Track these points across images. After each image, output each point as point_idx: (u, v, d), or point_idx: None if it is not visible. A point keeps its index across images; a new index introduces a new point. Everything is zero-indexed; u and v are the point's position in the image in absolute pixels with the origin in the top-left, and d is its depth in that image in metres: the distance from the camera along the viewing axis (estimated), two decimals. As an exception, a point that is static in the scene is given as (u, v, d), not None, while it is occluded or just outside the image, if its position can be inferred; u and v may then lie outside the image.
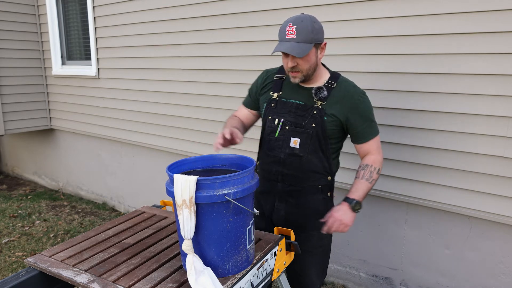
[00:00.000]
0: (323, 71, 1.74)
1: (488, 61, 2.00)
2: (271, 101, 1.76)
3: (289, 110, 1.71)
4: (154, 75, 3.58)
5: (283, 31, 1.57)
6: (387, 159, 2.41)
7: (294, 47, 1.54)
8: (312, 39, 1.56)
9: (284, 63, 1.65)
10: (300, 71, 1.62)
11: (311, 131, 1.67)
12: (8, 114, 4.49)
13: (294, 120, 1.69)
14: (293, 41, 1.54)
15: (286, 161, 1.71)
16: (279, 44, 1.58)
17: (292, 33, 1.54)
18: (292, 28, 1.54)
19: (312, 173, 1.72)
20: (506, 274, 2.18)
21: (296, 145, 1.69)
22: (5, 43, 4.40)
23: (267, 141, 1.76)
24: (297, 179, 1.73)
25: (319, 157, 1.70)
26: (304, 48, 1.55)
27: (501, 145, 2.03)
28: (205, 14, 3.07)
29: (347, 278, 2.78)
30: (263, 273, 1.40)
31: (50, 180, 5.20)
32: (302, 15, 1.60)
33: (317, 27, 1.58)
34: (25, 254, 3.28)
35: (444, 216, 2.32)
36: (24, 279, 1.32)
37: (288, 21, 1.57)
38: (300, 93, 1.71)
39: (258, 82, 1.86)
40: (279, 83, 1.77)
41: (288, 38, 1.55)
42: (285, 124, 1.70)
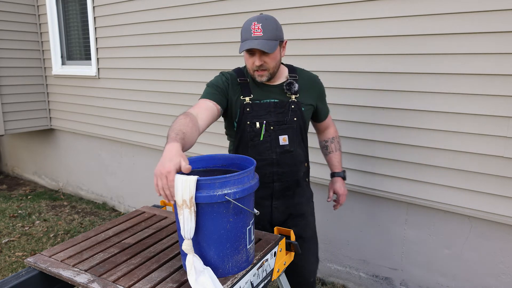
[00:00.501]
0: (282, 67, 1.77)
1: (488, 61, 2.00)
2: (245, 106, 1.68)
3: (268, 110, 1.69)
4: (154, 75, 3.58)
5: (248, 30, 1.56)
6: (387, 159, 2.41)
7: (263, 43, 1.54)
8: (277, 36, 1.59)
9: (249, 63, 1.64)
10: (267, 69, 1.63)
11: (295, 125, 1.72)
12: (8, 114, 4.49)
13: (276, 119, 1.70)
14: (261, 38, 1.54)
15: (280, 160, 1.72)
16: (247, 42, 1.55)
17: (258, 31, 1.54)
18: (258, 26, 1.54)
19: (300, 164, 1.80)
20: (506, 274, 2.18)
21: (286, 142, 1.72)
22: (5, 43, 4.40)
23: (252, 146, 1.70)
24: (292, 174, 1.77)
25: (302, 148, 1.80)
26: (272, 45, 1.57)
27: (501, 145, 2.03)
28: (205, 14, 3.07)
29: (347, 278, 2.78)
30: (263, 273, 1.40)
31: (50, 180, 5.20)
32: (263, 14, 1.61)
33: (279, 25, 1.62)
34: (25, 254, 3.28)
35: (444, 216, 2.32)
36: (24, 279, 1.32)
37: (252, 20, 1.57)
38: (271, 92, 1.72)
39: (223, 81, 1.70)
40: (246, 86, 1.71)
41: (255, 36, 1.54)
42: (268, 125, 1.69)
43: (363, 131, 2.46)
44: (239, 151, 1.74)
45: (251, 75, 1.69)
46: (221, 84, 1.69)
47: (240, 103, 1.68)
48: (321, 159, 2.65)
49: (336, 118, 2.54)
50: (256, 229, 1.71)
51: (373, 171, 2.48)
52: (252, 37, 1.55)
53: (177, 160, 1.16)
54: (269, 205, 1.78)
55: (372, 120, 2.42)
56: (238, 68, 1.78)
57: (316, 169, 2.71)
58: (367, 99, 2.41)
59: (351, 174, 2.56)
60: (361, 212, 2.62)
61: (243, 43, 1.58)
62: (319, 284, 2.83)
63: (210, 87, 1.68)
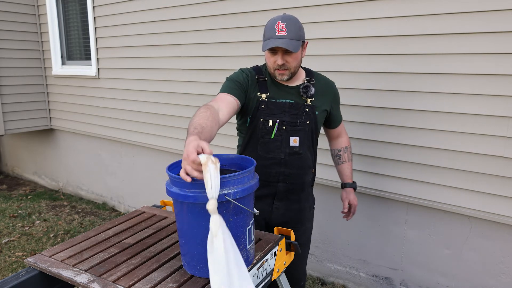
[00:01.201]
0: (300, 69, 1.78)
1: (488, 61, 2.00)
2: (260, 103, 1.69)
3: (283, 110, 1.69)
4: (154, 75, 3.58)
5: (272, 28, 1.56)
6: (387, 159, 2.41)
7: (288, 42, 1.55)
8: (300, 36, 1.61)
9: (270, 61, 1.64)
10: (289, 68, 1.64)
11: (307, 128, 1.72)
12: (8, 114, 4.49)
13: (290, 119, 1.70)
14: (285, 37, 1.55)
15: (287, 160, 1.73)
16: (271, 40, 1.56)
17: (282, 30, 1.55)
18: (282, 26, 1.55)
19: (308, 168, 1.80)
20: (506, 274, 2.18)
21: (296, 144, 1.72)
22: (5, 43, 4.40)
23: (262, 143, 1.71)
24: (298, 176, 1.77)
25: (311, 152, 1.80)
26: (296, 44, 1.58)
27: (501, 145, 2.03)
28: (205, 14, 3.07)
29: (347, 278, 2.78)
30: (263, 273, 1.40)
31: (50, 180, 5.20)
32: (287, 14, 1.62)
33: (302, 26, 1.63)
34: (25, 254, 3.28)
35: (444, 216, 2.32)
36: (24, 279, 1.32)
37: (276, 19, 1.57)
38: (287, 92, 1.72)
39: (243, 78, 1.71)
40: (263, 83, 1.72)
41: (279, 35, 1.55)
42: (281, 124, 1.69)
43: (362, 131, 2.46)
44: (248, 147, 1.75)
45: (271, 73, 1.69)
46: (241, 80, 1.69)
47: (256, 100, 1.70)
48: (324, 160, 2.66)
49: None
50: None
51: (373, 171, 2.48)
52: (276, 36, 1.55)
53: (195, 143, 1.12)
54: (270, 204, 1.78)
55: (371, 120, 2.42)
56: (256, 66, 1.79)
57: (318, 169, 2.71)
58: (367, 99, 2.41)
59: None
60: (361, 212, 2.62)
61: (267, 41, 1.58)
62: (319, 284, 2.83)
63: (230, 81, 1.68)
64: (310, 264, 2.94)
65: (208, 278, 1.26)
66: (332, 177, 2.64)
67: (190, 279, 1.26)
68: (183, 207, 1.24)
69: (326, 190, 2.75)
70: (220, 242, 1.10)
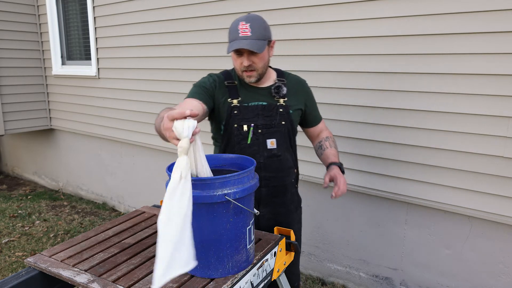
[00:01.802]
0: (270, 70, 1.75)
1: (488, 61, 2.00)
2: (232, 108, 1.64)
3: (256, 113, 1.66)
4: (154, 75, 3.58)
5: (235, 29, 1.53)
6: (387, 159, 2.41)
7: (252, 43, 1.51)
8: (265, 36, 1.57)
9: (237, 63, 1.62)
10: (256, 69, 1.60)
11: (283, 129, 1.69)
12: (8, 114, 4.49)
13: (264, 122, 1.66)
14: (249, 38, 1.51)
15: (267, 164, 1.69)
16: (235, 42, 1.53)
17: (246, 31, 1.51)
18: (245, 26, 1.52)
19: (288, 169, 1.77)
20: (506, 274, 2.18)
21: (273, 146, 1.68)
22: (5, 43, 4.40)
23: (239, 149, 1.66)
24: (279, 179, 1.74)
25: (290, 152, 1.77)
26: (261, 44, 1.54)
27: (501, 145, 2.03)
28: (205, 14, 3.07)
29: (347, 278, 2.78)
30: (263, 273, 1.40)
31: (50, 180, 5.20)
32: (251, 13, 1.59)
33: (267, 25, 1.59)
34: (25, 254, 3.28)
35: (444, 216, 2.32)
36: (24, 279, 1.32)
37: (239, 20, 1.54)
38: (259, 94, 1.69)
39: (210, 82, 1.68)
40: (233, 88, 1.67)
41: (243, 36, 1.52)
42: (256, 128, 1.65)
43: (362, 131, 2.46)
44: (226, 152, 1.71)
45: (239, 76, 1.66)
46: (208, 84, 1.66)
47: (228, 106, 1.65)
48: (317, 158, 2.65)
49: (336, 118, 2.55)
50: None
51: (373, 171, 2.48)
52: (240, 37, 1.52)
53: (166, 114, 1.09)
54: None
55: (371, 120, 2.42)
56: (226, 70, 1.75)
57: (314, 168, 2.71)
58: (367, 99, 2.41)
59: (351, 175, 2.56)
60: (361, 212, 2.62)
61: (231, 43, 1.55)
62: (319, 284, 2.83)
63: (197, 87, 1.66)
64: (310, 264, 2.94)
65: (208, 278, 1.26)
66: (332, 177, 2.64)
67: (190, 279, 1.26)
68: (183, 207, 1.23)
69: (326, 190, 2.75)
70: (188, 187, 1.01)
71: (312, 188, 2.81)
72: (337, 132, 2.56)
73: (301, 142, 2.72)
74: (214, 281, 1.24)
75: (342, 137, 2.55)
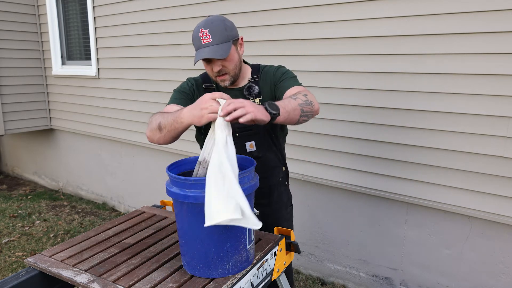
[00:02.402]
0: (245, 67, 1.71)
1: (488, 61, 2.00)
2: None
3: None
4: (154, 75, 3.58)
5: (197, 38, 1.50)
6: (387, 159, 2.41)
7: (214, 50, 1.48)
8: (228, 37, 1.53)
9: (208, 70, 1.60)
10: (227, 73, 1.58)
11: (261, 130, 1.65)
12: (8, 114, 4.49)
13: (241, 125, 1.64)
14: (211, 44, 1.48)
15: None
16: (198, 52, 1.50)
17: (207, 37, 1.48)
18: (205, 33, 1.48)
19: (272, 169, 1.74)
20: (506, 274, 2.18)
21: (253, 148, 1.66)
22: (5, 43, 4.40)
23: None
24: (263, 180, 1.69)
25: (273, 152, 1.73)
26: (225, 48, 1.50)
27: (501, 145, 2.03)
28: (205, 14, 3.07)
29: (347, 278, 2.78)
30: (263, 273, 1.40)
31: (50, 180, 5.20)
32: (210, 17, 1.55)
33: (229, 24, 1.56)
34: (25, 254, 3.28)
35: (444, 216, 2.32)
36: (24, 279, 1.32)
37: (199, 26, 1.51)
38: (234, 96, 1.62)
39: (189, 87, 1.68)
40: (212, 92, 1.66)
41: (205, 43, 1.49)
42: (234, 132, 1.63)
43: (362, 131, 2.46)
44: None
45: (216, 82, 1.65)
46: (187, 89, 1.67)
47: None
48: (322, 160, 2.66)
49: (336, 118, 2.55)
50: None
51: (373, 171, 2.48)
52: (202, 45, 1.49)
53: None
54: None
55: (371, 120, 2.42)
56: (205, 73, 1.73)
57: (314, 168, 2.71)
58: (367, 99, 2.41)
59: (351, 175, 2.56)
60: (361, 212, 2.62)
61: (196, 53, 1.52)
62: (319, 284, 2.83)
63: (177, 92, 1.67)
64: (310, 264, 2.94)
65: (208, 278, 1.26)
66: (332, 177, 2.64)
67: (190, 279, 1.27)
68: (183, 207, 1.24)
69: (326, 190, 2.75)
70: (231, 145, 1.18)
71: (312, 188, 2.81)
72: (337, 132, 2.56)
73: (300, 142, 2.73)
74: (214, 281, 1.25)
75: (342, 137, 2.55)
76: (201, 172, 1.32)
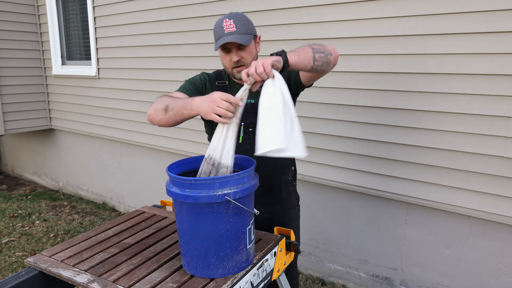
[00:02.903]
0: None
1: (488, 61, 2.00)
2: None
3: (246, 111, 1.60)
4: (155, 75, 3.58)
5: (220, 27, 1.53)
6: (387, 159, 2.41)
7: (239, 37, 1.51)
8: (250, 30, 1.57)
9: (226, 61, 1.61)
10: (245, 64, 1.59)
11: None
12: (8, 114, 4.49)
13: (254, 120, 1.63)
14: (235, 33, 1.51)
15: (260, 162, 1.66)
16: (222, 38, 1.52)
17: (231, 27, 1.52)
18: (229, 22, 1.52)
19: (283, 168, 1.76)
20: (506, 274, 2.18)
21: None
22: (5, 43, 4.40)
23: None
24: (273, 177, 1.73)
25: None
26: (247, 37, 1.54)
27: (501, 145, 2.03)
28: (205, 14, 3.07)
29: (347, 278, 2.78)
30: (263, 273, 1.40)
31: (50, 180, 5.20)
32: (233, 12, 1.59)
33: (250, 21, 1.60)
34: (25, 254, 3.28)
35: (444, 216, 2.32)
36: (24, 279, 1.32)
37: (223, 18, 1.54)
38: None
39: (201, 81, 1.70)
40: (224, 89, 1.67)
41: (228, 31, 1.51)
42: (247, 126, 1.64)
43: (362, 131, 2.46)
44: None
45: (229, 74, 1.66)
46: (198, 82, 1.69)
47: None
48: (323, 160, 2.66)
49: (336, 118, 2.55)
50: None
51: (373, 171, 2.48)
52: (225, 33, 1.52)
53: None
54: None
55: (371, 120, 2.42)
56: (218, 70, 1.76)
57: (314, 168, 2.71)
58: (367, 99, 2.41)
59: (351, 175, 2.56)
60: (361, 212, 2.62)
61: (217, 40, 1.54)
62: (319, 284, 2.83)
63: (188, 83, 1.69)
64: (310, 264, 2.94)
65: (208, 278, 1.26)
66: (332, 177, 2.64)
67: (190, 279, 1.27)
68: (183, 207, 1.24)
69: (326, 190, 2.75)
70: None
71: (312, 188, 2.81)
72: (337, 132, 2.56)
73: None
74: (214, 281, 1.25)
75: (342, 137, 2.55)
76: (205, 169, 1.32)
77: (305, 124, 2.50)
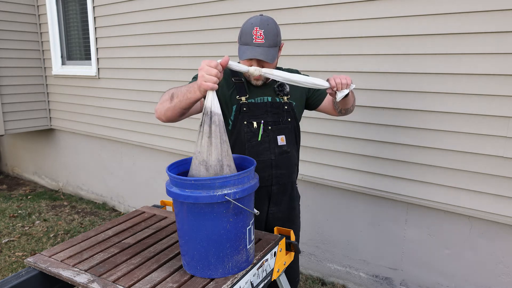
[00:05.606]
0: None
1: (488, 61, 2.00)
2: (241, 106, 1.63)
3: (265, 110, 1.66)
4: (154, 75, 3.58)
5: (249, 34, 1.50)
6: (387, 159, 2.41)
7: (265, 52, 1.50)
8: (277, 42, 1.56)
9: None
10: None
11: (290, 126, 1.71)
12: (8, 114, 4.49)
13: (273, 119, 1.67)
14: (263, 46, 1.50)
15: (278, 161, 1.69)
16: (248, 49, 1.51)
17: (260, 38, 1.49)
18: (260, 33, 1.49)
19: (294, 166, 1.79)
20: (506, 274, 2.18)
21: (283, 142, 1.70)
22: (5, 43, 4.40)
23: (250, 147, 1.64)
24: (287, 176, 1.75)
25: (296, 149, 1.78)
26: (273, 53, 1.53)
27: (501, 145, 2.03)
28: (205, 14, 3.07)
29: (347, 278, 2.78)
30: (263, 273, 1.40)
31: (50, 180, 5.20)
32: (264, 17, 1.55)
33: (279, 29, 1.59)
34: (25, 254, 3.28)
35: (444, 216, 2.32)
36: (24, 279, 1.32)
37: (254, 24, 1.51)
38: (264, 91, 1.69)
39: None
40: (241, 86, 1.66)
41: (256, 42, 1.49)
42: (266, 124, 1.65)
43: (362, 131, 2.46)
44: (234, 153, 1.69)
45: (246, 77, 1.66)
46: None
47: (237, 103, 1.65)
48: (325, 160, 2.66)
49: (336, 118, 2.55)
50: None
51: (373, 171, 2.48)
52: (253, 43, 1.50)
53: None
54: (265, 211, 1.74)
55: (371, 120, 2.42)
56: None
57: (314, 168, 2.71)
58: (367, 99, 2.41)
59: (351, 175, 2.56)
60: (361, 212, 2.62)
61: (244, 48, 1.52)
62: (319, 284, 2.83)
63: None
64: (310, 264, 2.94)
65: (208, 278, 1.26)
66: (332, 177, 2.64)
67: (190, 279, 1.27)
68: (183, 207, 1.24)
69: (326, 190, 2.75)
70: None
71: (312, 188, 2.81)
72: (337, 132, 2.56)
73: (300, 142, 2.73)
74: (214, 281, 1.25)
75: (342, 137, 2.55)
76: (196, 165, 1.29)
77: (305, 124, 2.50)
